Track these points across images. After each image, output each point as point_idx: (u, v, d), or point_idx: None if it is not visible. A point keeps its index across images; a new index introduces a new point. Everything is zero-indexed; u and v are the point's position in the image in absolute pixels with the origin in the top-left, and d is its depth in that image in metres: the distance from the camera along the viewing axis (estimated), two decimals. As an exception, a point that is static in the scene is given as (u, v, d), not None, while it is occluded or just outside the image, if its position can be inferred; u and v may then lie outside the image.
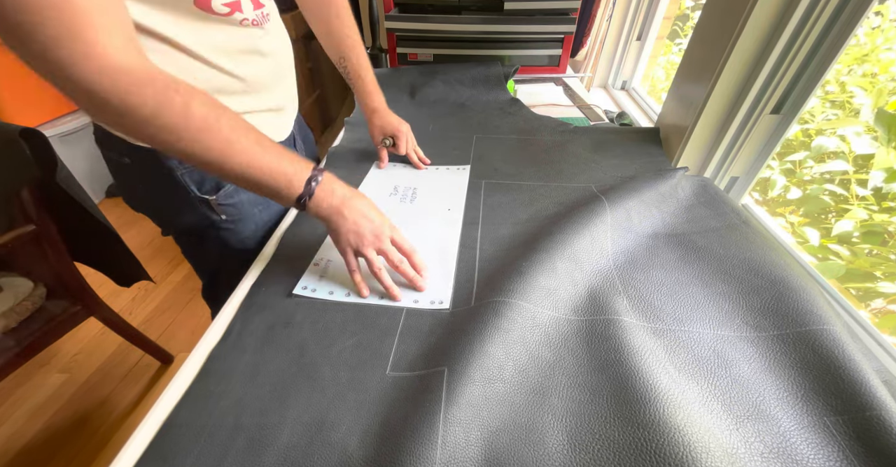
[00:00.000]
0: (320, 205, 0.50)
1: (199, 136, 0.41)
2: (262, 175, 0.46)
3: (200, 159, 0.43)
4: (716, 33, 0.65)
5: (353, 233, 0.51)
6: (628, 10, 1.17)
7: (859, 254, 0.97)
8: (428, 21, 1.09)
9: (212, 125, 0.42)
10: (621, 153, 0.79)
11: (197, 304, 1.54)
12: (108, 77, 0.36)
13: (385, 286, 0.52)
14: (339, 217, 0.50)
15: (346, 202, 0.51)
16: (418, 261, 0.54)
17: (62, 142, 1.77)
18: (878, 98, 1.02)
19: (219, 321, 0.51)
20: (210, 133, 0.42)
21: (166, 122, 0.40)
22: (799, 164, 1.16)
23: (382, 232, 0.52)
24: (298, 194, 0.48)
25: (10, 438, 1.13)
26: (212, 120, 0.42)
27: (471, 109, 0.99)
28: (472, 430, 0.37)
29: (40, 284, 1.02)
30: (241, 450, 0.38)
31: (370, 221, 0.51)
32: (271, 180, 0.46)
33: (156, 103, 0.39)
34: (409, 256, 0.54)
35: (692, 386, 0.41)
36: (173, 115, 0.40)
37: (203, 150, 0.42)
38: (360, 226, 0.51)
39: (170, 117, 0.40)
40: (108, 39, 0.36)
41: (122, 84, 0.37)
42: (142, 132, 0.40)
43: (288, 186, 0.47)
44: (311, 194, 0.48)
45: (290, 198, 0.48)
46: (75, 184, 0.95)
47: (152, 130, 0.40)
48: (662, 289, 0.51)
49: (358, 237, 0.51)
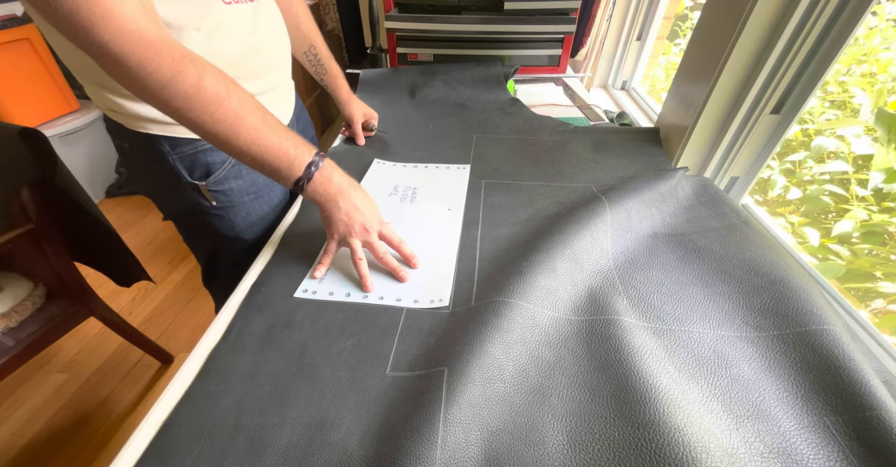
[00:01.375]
0: (317, 191, 0.51)
1: (210, 109, 0.44)
2: (266, 153, 0.47)
3: (209, 130, 0.45)
4: (716, 33, 0.65)
5: (343, 223, 0.53)
6: (628, 10, 1.17)
7: (859, 254, 0.97)
8: (428, 21, 1.09)
9: (223, 99, 0.44)
10: (621, 153, 0.79)
11: (197, 304, 1.54)
12: (126, 41, 0.39)
13: (360, 275, 0.54)
14: (333, 205, 0.52)
15: (342, 192, 0.52)
16: (407, 250, 0.56)
17: (62, 142, 1.77)
18: (878, 98, 1.02)
19: (219, 321, 0.51)
20: (220, 106, 0.44)
21: (180, 90, 0.42)
22: (799, 164, 1.16)
23: (371, 225, 0.54)
24: (297, 177, 0.50)
25: (10, 438, 1.13)
26: (223, 94, 0.44)
27: (471, 109, 0.99)
28: (472, 430, 0.37)
29: (40, 284, 1.02)
30: (241, 450, 0.38)
31: (361, 214, 0.53)
32: (274, 159, 0.48)
33: (171, 71, 0.41)
34: (398, 247, 0.56)
35: (692, 386, 0.41)
36: (187, 84, 0.42)
37: (213, 123, 0.44)
38: (351, 218, 0.52)
39: (183, 85, 0.42)
40: (122, 6, 0.38)
41: (138, 49, 0.40)
42: (158, 97, 0.42)
43: (289, 167, 0.49)
44: (310, 178, 0.50)
45: (289, 179, 0.50)
46: (75, 184, 0.95)
47: (167, 96, 0.42)
48: (662, 289, 0.51)
49: (347, 227, 0.53)
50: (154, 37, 0.40)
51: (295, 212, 0.69)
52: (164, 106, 0.43)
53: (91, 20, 0.37)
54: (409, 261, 0.56)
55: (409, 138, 0.88)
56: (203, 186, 0.63)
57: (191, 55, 0.43)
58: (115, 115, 0.58)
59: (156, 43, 0.40)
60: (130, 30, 0.39)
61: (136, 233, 1.87)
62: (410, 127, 0.93)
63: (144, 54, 0.40)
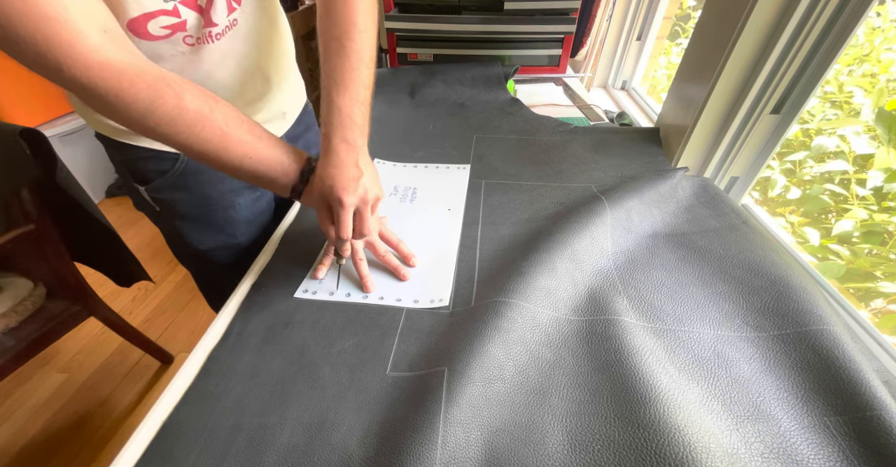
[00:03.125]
0: (313, 196, 0.50)
1: (196, 129, 0.42)
2: (259, 165, 0.47)
3: (199, 150, 0.44)
4: (716, 33, 0.65)
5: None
6: (628, 10, 1.17)
7: (859, 254, 0.97)
8: (428, 21, 1.09)
9: (206, 116, 0.43)
10: (621, 153, 0.79)
11: (197, 304, 1.54)
12: (97, 74, 0.37)
13: (361, 275, 0.54)
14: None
15: None
16: (405, 249, 0.57)
17: (62, 142, 1.77)
18: (878, 98, 1.02)
19: (219, 321, 0.51)
20: (205, 124, 0.43)
21: (162, 115, 0.41)
22: (799, 164, 1.16)
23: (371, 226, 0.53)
24: (294, 184, 0.49)
25: (10, 438, 1.13)
26: (206, 111, 0.43)
27: (471, 109, 0.99)
28: (473, 430, 0.37)
29: (40, 284, 1.02)
30: (242, 450, 0.38)
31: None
32: (267, 170, 0.48)
33: (149, 97, 0.40)
34: (396, 246, 0.56)
35: (692, 387, 0.41)
36: (168, 108, 0.41)
37: (201, 142, 0.43)
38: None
39: (164, 110, 0.41)
40: (83, 39, 0.37)
41: (112, 81, 0.38)
42: (143, 125, 0.41)
43: (284, 176, 0.49)
44: (307, 183, 0.50)
45: (285, 188, 0.50)
46: (75, 184, 0.95)
47: (151, 123, 0.41)
48: (663, 289, 0.51)
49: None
50: (125, 65, 0.39)
51: (295, 212, 0.69)
52: (152, 132, 0.42)
53: (57, 60, 0.36)
54: (407, 260, 0.57)
55: (409, 138, 0.88)
56: (143, 190, 0.64)
57: (166, 77, 0.41)
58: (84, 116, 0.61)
59: (128, 72, 0.39)
60: (99, 63, 0.37)
61: (136, 233, 1.88)
62: (410, 127, 0.92)
63: (119, 85, 0.38)
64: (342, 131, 0.48)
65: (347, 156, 0.48)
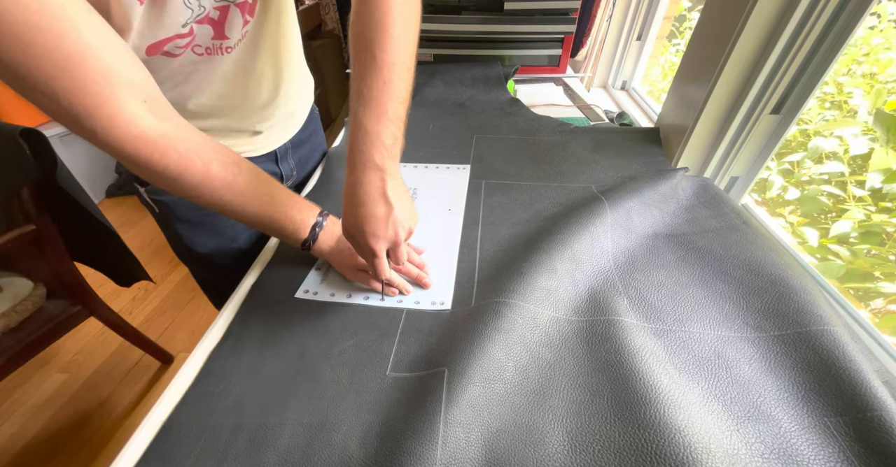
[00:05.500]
0: (322, 249, 0.55)
1: (219, 194, 0.46)
2: (273, 222, 0.51)
3: (220, 208, 0.48)
4: (716, 33, 0.65)
5: (350, 267, 0.55)
6: (628, 10, 1.17)
7: (859, 254, 0.97)
8: (428, 21, 1.09)
9: (230, 183, 0.46)
10: (621, 153, 0.79)
11: (197, 304, 1.54)
12: (131, 145, 0.40)
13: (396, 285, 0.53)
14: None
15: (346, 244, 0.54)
16: (416, 259, 0.56)
17: (62, 143, 1.77)
18: (877, 98, 1.02)
19: (219, 321, 0.51)
20: (229, 189, 0.47)
21: (189, 183, 0.44)
22: (797, 165, 1.17)
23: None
24: (304, 239, 0.53)
25: (10, 438, 1.13)
26: (230, 178, 0.46)
27: (471, 109, 0.99)
28: (473, 431, 0.37)
29: (40, 284, 1.02)
30: (242, 451, 0.38)
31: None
32: (281, 226, 0.52)
33: (178, 168, 0.43)
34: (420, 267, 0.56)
35: (693, 387, 0.41)
36: (195, 177, 0.44)
37: (223, 204, 0.48)
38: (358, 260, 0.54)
39: (191, 179, 0.44)
40: (122, 112, 0.38)
41: (145, 151, 0.41)
42: (171, 188, 0.45)
43: (295, 231, 0.52)
44: (315, 239, 0.54)
45: (296, 242, 0.54)
46: (75, 184, 0.95)
47: (177, 189, 0.45)
48: (663, 289, 0.51)
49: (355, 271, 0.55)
50: (158, 136, 0.41)
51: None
52: (178, 193, 0.46)
53: (93, 129, 0.37)
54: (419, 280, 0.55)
55: (409, 138, 0.87)
56: (143, 191, 0.64)
57: (197, 146, 0.44)
58: None
59: (160, 143, 0.41)
60: (134, 135, 0.39)
61: (136, 233, 1.87)
62: (411, 127, 0.92)
63: (151, 156, 0.41)
64: (367, 154, 0.45)
65: (372, 188, 0.45)
